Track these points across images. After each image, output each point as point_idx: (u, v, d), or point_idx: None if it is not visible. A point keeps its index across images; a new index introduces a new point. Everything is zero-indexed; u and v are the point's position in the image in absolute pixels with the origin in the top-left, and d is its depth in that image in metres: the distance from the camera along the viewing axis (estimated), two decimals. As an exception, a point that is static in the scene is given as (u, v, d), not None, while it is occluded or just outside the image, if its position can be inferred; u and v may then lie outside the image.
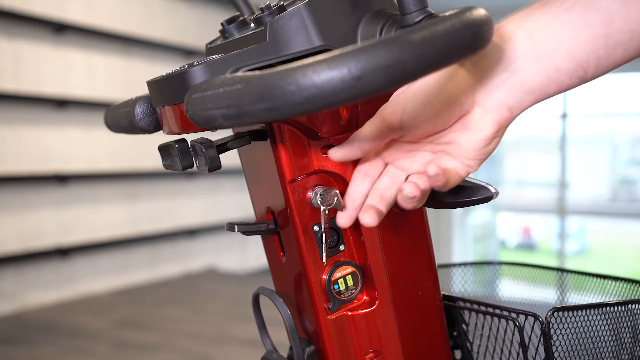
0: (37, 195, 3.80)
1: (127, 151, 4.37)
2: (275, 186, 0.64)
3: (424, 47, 0.42)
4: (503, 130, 0.56)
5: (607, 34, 0.52)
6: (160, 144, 0.64)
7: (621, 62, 0.54)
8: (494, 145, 0.56)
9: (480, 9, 0.46)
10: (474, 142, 0.55)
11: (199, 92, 0.48)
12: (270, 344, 0.74)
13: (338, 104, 0.42)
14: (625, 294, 0.77)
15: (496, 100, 0.55)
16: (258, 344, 0.97)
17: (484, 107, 0.55)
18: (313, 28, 0.56)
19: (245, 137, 0.63)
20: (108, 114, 0.76)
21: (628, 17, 0.52)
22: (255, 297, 0.73)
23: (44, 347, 2.95)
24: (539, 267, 0.88)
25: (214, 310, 3.66)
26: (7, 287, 3.62)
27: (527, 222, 8.86)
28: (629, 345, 0.69)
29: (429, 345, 0.72)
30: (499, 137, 0.56)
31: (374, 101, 0.60)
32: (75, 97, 3.98)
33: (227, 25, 0.66)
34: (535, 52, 0.53)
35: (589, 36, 0.52)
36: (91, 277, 4.12)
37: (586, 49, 0.53)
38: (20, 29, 3.68)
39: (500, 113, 0.55)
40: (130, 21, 4.41)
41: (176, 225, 4.79)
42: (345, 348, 0.67)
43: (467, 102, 0.55)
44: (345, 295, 0.66)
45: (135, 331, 3.24)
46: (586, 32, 0.53)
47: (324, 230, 0.63)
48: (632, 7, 0.51)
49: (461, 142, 0.55)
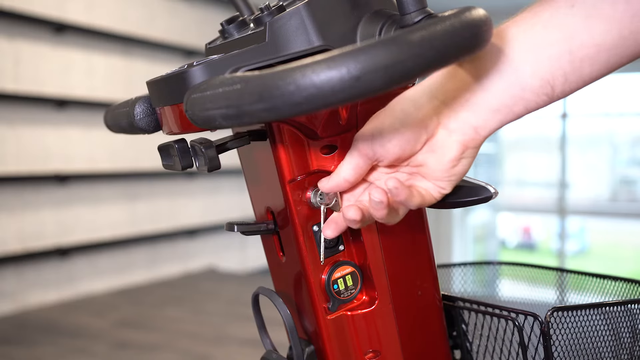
0: (37, 195, 3.80)
1: (127, 151, 4.37)
2: (275, 186, 0.64)
3: (423, 47, 0.42)
4: (471, 152, 0.55)
5: (570, 50, 0.51)
6: (159, 144, 0.64)
7: (593, 77, 0.53)
8: (464, 166, 0.56)
9: (480, 9, 0.46)
10: (441, 164, 0.55)
11: (198, 92, 0.48)
12: (270, 344, 0.74)
13: (337, 104, 0.42)
14: (625, 294, 0.77)
15: (460, 121, 0.54)
16: (258, 344, 0.97)
17: (448, 128, 0.54)
18: (312, 28, 0.56)
19: (245, 137, 0.63)
20: (108, 114, 0.76)
21: (591, 31, 0.51)
22: (255, 297, 0.73)
23: (44, 347, 2.95)
24: (538, 267, 0.88)
25: (214, 310, 3.66)
26: (7, 287, 3.62)
27: (527, 222, 8.86)
28: (628, 345, 0.69)
29: (429, 345, 0.72)
30: (468, 157, 0.55)
31: (373, 101, 0.60)
32: (75, 97, 3.98)
33: (227, 25, 0.66)
34: (498, 69, 0.53)
35: (552, 52, 0.52)
36: (91, 277, 4.12)
37: (551, 65, 0.52)
38: (20, 29, 3.68)
39: (465, 134, 0.54)
40: (130, 21, 4.41)
41: (176, 225, 4.79)
42: (345, 348, 0.67)
43: (431, 125, 0.54)
44: (344, 295, 0.66)
45: (135, 331, 3.24)
46: (549, 49, 0.52)
47: (323, 230, 0.63)
48: (594, 21, 0.51)
49: (430, 165, 0.56)
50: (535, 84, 0.52)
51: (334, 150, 0.63)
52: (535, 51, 0.52)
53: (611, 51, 0.52)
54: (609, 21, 0.51)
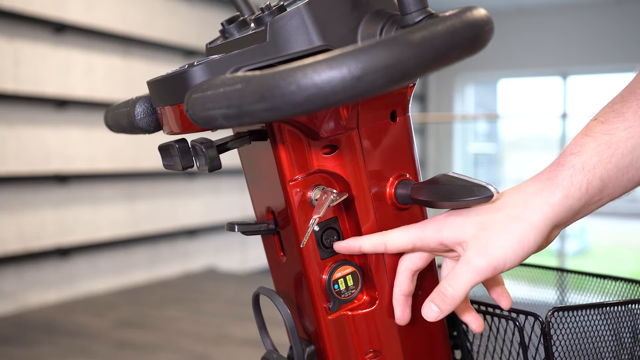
0: (37, 195, 3.80)
1: (127, 151, 4.37)
2: (276, 186, 0.64)
3: (424, 47, 0.42)
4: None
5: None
6: (160, 144, 0.64)
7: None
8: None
9: (481, 9, 0.46)
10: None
11: (199, 92, 0.48)
12: (270, 344, 0.74)
13: (338, 104, 0.42)
14: (625, 294, 0.77)
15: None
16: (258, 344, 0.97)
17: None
18: (313, 28, 0.56)
19: (246, 137, 0.63)
20: (108, 114, 0.76)
21: None
22: (255, 297, 0.73)
23: (44, 347, 2.95)
24: (539, 267, 0.88)
25: (214, 310, 3.66)
26: (7, 287, 3.62)
27: (527, 222, 8.83)
28: (629, 345, 0.69)
29: (429, 345, 0.72)
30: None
31: (374, 101, 0.60)
32: (75, 97, 3.98)
33: (227, 25, 0.66)
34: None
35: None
36: (91, 277, 4.12)
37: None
38: (20, 29, 3.68)
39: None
40: (130, 21, 4.41)
41: (176, 225, 4.79)
42: (346, 348, 0.67)
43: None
44: (345, 295, 0.66)
45: (135, 331, 3.24)
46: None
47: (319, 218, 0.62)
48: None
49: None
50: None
51: (334, 150, 0.63)
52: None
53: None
54: None
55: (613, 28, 6.78)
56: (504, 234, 0.54)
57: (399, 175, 0.66)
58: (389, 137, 0.65)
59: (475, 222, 0.56)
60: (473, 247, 0.55)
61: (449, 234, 0.57)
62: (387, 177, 0.65)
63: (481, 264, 0.55)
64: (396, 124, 0.65)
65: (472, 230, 0.56)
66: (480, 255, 0.55)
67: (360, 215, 0.64)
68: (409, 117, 0.67)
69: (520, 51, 7.03)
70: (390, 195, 0.66)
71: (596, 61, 6.99)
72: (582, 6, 6.89)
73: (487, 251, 0.55)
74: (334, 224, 0.65)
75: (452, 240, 0.57)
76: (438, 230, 0.58)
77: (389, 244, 0.60)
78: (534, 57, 7.15)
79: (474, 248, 0.55)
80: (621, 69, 7.10)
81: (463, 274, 0.55)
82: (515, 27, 6.75)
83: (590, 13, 6.89)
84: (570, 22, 6.98)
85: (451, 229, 0.57)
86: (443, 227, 0.58)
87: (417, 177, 0.68)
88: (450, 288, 0.56)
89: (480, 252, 0.55)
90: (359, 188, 0.64)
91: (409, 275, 0.63)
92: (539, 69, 7.34)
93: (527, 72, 7.54)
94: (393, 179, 0.66)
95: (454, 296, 0.56)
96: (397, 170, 0.66)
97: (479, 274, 0.55)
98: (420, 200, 0.64)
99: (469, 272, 0.55)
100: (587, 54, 6.97)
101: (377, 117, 0.64)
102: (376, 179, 0.65)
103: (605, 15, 6.81)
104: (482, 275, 0.55)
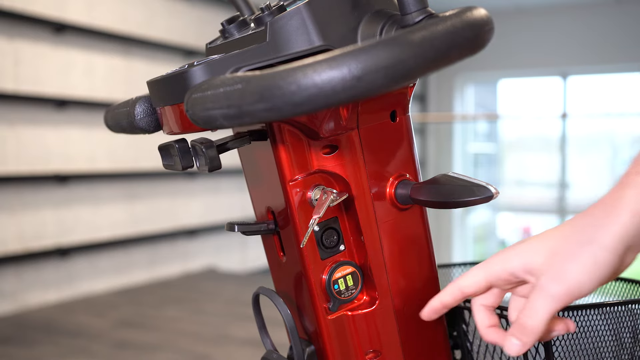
0: (37, 195, 3.80)
1: (127, 151, 4.37)
2: (276, 186, 0.64)
3: (424, 47, 0.42)
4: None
5: None
6: (160, 144, 0.64)
7: None
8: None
9: (481, 9, 0.46)
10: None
11: (199, 92, 0.48)
12: (270, 344, 0.74)
13: (338, 104, 0.42)
14: (625, 294, 0.77)
15: None
16: (258, 344, 0.97)
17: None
18: (313, 28, 0.55)
19: (246, 137, 0.63)
20: (108, 114, 0.76)
21: None
22: (255, 297, 0.73)
23: (44, 347, 2.95)
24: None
25: (214, 310, 3.66)
26: (7, 287, 3.62)
27: (527, 222, 8.85)
28: (629, 345, 0.69)
29: (429, 345, 0.71)
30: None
31: (374, 101, 0.60)
32: (75, 97, 3.98)
33: (227, 25, 0.66)
34: None
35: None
36: (91, 277, 4.12)
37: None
38: (20, 29, 3.68)
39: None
40: (130, 21, 4.41)
41: (176, 225, 4.79)
42: (345, 348, 0.67)
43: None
44: (345, 295, 0.66)
45: (135, 331, 3.24)
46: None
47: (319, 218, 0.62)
48: None
49: None
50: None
51: (334, 150, 0.63)
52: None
53: None
54: None
55: (613, 28, 6.78)
56: (577, 258, 0.52)
57: (399, 175, 0.66)
58: (389, 137, 0.65)
59: (545, 248, 0.55)
60: (547, 274, 0.54)
61: (519, 263, 0.56)
62: (387, 177, 0.65)
63: (557, 291, 0.53)
64: (396, 124, 0.65)
65: (543, 258, 0.54)
66: (556, 282, 0.53)
67: (360, 215, 0.64)
68: (409, 117, 0.67)
69: (520, 51, 7.03)
70: (390, 195, 0.66)
71: (596, 61, 6.99)
72: (582, 6, 6.89)
73: (561, 277, 0.53)
74: (334, 224, 0.65)
75: (523, 269, 0.55)
76: (507, 261, 0.57)
77: (464, 289, 0.59)
78: (534, 57, 7.15)
79: (548, 275, 0.54)
80: (621, 69, 7.10)
81: (539, 303, 0.54)
82: (515, 27, 6.76)
83: (590, 13, 6.89)
84: (570, 22, 6.98)
85: (520, 258, 0.56)
86: (511, 257, 0.56)
87: (417, 177, 0.68)
88: (529, 319, 0.54)
89: (555, 279, 0.53)
90: (359, 188, 0.64)
91: (484, 310, 0.61)
92: (539, 69, 7.34)
93: (527, 72, 7.54)
94: (393, 179, 0.66)
95: (534, 327, 0.54)
96: (397, 170, 0.66)
97: (555, 301, 0.53)
98: (420, 200, 0.64)
99: (545, 300, 0.53)
100: (587, 54, 6.97)
101: (377, 117, 0.64)
102: (376, 179, 0.65)
103: (605, 15, 6.81)
104: (558, 302, 0.53)
